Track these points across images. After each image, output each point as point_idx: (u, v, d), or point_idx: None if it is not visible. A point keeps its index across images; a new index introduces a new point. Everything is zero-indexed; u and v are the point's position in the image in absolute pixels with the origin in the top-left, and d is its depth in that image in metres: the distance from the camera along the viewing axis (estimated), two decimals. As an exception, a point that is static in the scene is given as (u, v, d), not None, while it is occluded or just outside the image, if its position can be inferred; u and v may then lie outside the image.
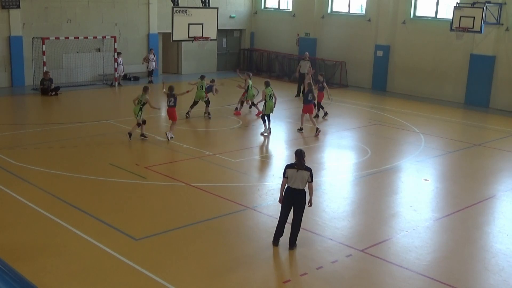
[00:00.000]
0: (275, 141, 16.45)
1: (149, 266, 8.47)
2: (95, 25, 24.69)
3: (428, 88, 24.43)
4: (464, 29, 21.29)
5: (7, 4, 22.15)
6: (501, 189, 13.05)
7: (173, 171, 13.09)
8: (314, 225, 10.30)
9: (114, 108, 21.15)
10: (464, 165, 15.03)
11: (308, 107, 17.10)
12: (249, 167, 13.94)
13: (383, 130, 17.97)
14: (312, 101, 17.26)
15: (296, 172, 8.99)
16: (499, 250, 9.65)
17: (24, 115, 19.35)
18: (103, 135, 16.08)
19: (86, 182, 12.18)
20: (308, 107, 17.11)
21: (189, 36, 18.39)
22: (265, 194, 11.89)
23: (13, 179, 12.14)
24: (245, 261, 8.86)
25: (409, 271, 8.77)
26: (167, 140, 15.49)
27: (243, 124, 18.00)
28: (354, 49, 26.58)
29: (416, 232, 10.23)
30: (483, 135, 18.59)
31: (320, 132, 16.92)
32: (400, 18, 25.07)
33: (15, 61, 22.86)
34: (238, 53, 31.08)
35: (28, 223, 9.99)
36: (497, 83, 22.53)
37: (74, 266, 8.47)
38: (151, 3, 26.31)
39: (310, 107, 17.17)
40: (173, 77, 27.21)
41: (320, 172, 13.60)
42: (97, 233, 9.56)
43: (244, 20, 30.55)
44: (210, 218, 10.51)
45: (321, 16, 27.70)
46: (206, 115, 18.54)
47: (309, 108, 17.13)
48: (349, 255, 9.19)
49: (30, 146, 14.83)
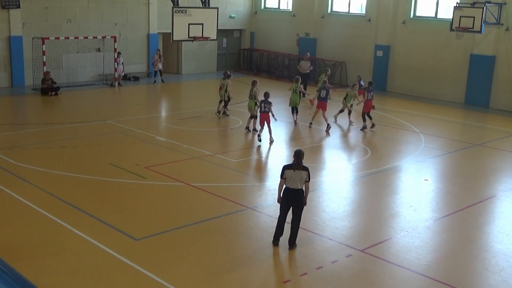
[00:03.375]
0: (275, 141, 16.43)
1: (149, 266, 8.47)
2: (95, 25, 24.69)
3: (428, 88, 24.43)
4: (464, 29, 21.29)
5: (7, 4, 22.15)
6: (501, 189, 13.05)
7: (173, 171, 13.08)
8: (314, 225, 10.30)
9: (114, 108, 21.15)
10: (464, 165, 15.03)
11: (321, 103, 17.56)
12: (249, 167, 13.93)
13: (383, 130, 17.96)
14: (325, 98, 17.55)
15: (294, 172, 9.02)
16: (499, 250, 9.65)
17: (24, 115, 19.34)
18: (103, 135, 16.08)
19: (86, 182, 12.18)
20: (322, 104, 17.55)
21: (189, 36, 18.39)
22: (265, 194, 11.89)
23: (13, 179, 12.14)
24: (245, 261, 8.86)
25: (409, 271, 8.77)
26: (270, 141, 15.76)
27: (243, 124, 17.99)
28: (354, 49, 26.58)
29: (416, 232, 10.23)
30: (483, 135, 18.59)
31: (331, 128, 17.38)
32: (400, 18, 25.07)
33: (15, 61, 22.86)
34: (238, 53, 31.08)
35: (28, 223, 9.99)
36: (497, 83, 22.53)
37: (74, 266, 8.47)
38: (151, 3, 26.31)
39: (323, 104, 17.53)
40: (173, 77, 27.21)
41: (320, 172, 13.60)
42: (97, 233, 9.56)
43: (244, 20, 30.55)
44: (210, 218, 10.51)
45: (321, 16, 27.70)
46: (221, 114, 18.69)
47: (322, 105, 17.54)
48: (349, 255, 9.19)
49: (30, 146, 14.83)
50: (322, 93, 17.65)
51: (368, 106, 17.75)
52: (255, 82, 17.11)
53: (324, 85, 17.93)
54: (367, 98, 17.77)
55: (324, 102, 17.56)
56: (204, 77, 27.86)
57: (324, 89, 17.69)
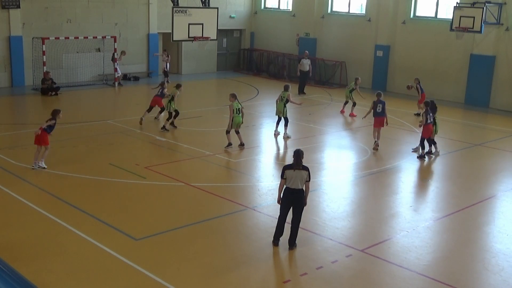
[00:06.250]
0: (275, 141, 16.43)
1: (149, 266, 8.47)
2: (95, 25, 24.68)
3: (428, 88, 24.33)
4: (464, 29, 21.29)
5: (7, 4, 22.14)
6: (501, 189, 13.05)
7: (173, 171, 13.08)
8: (314, 225, 10.30)
9: (114, 108, 21.15)
10: (464, 165, 15.03)
11: (378, 119, 15.56)
12: (249, 167, 13.93)
13: (383, 130, 17.92)
14: (382, 113, 15.57)
15: (294, 172, 9.02)
16: (499, 250, 9.65)
17: (24, 115, 19.34)
18: (103, 135, 16.08)
19: (86, 182, 12.18)
20: (379, 120, 15.56)
21: (189, 36, 18.38)
22: (265, 194, 11.89)
23: (13, 179, 12.14)
24: (245, 261, 8.86)
25: (409, 271, 8.77)
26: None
27: (243, 124, 17.97)
28: (354, 49, 26.57)
29: (416, 232, 10.23)
30: (483, 135, 18.59)
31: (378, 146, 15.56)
32: (400, 18, 25.07)
33: (15, 61, 22.86)
34: (238, 53, 31.07)
35: (28, 223, 9.99)
36: (497, 83, 22.52)
37: (74, 266, 8.47)
38: (151, 3, 26.30)
39: (381, 120, 15.55)
40: (173, 77, 27.20)
41: (320, 172, 13.60)
42: (97, 233, 9.56)
43: (244, 20, 30.54)
44: (210, 218, 10.51)
45: (321, 16, 27.69)
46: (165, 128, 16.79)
47: (379, 121, 15.55)
48: (349, 255, 9.19)
49: (30, 146, 14.81)
50: (378, 107, 15.57)
51: (428, 131, 14.86)
52: (287, 86, 16.63)
53: (378, 99, 15.69)
54: (426, 121, 14.77)
55: (382, 118, 15.52)
56: (204, 77, 27.86)
57: (380, 103, 15.59)
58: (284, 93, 16.51)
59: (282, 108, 16.44)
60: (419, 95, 20.30)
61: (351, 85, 20.08)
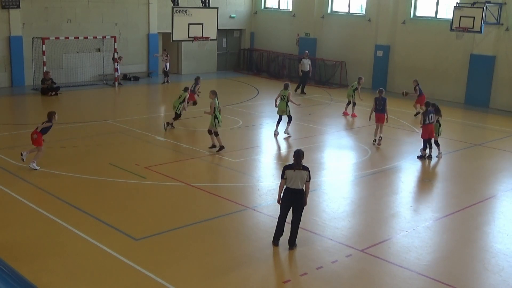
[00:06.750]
0: (275, 141, 16.43)
1: (149, 266, 8.47)
2: (95, 25, 24.68)
3: (428, 88, 24.33)
4: (464, 29, 21.29)
5: (7, 4, 22.14)
6: (501, 189, 13.05)
7: (173, 171, 13.08)
8: (314, 225, 10.30)
9: (114, 108, 21.15)
10: (464, 165, 15.03)
11: (378, 116, 15.90)
12: (249, 167, 13.93)
13: (383, 130, 17.94)
14: (382, 110, 15.86)
15: (294, 172, 9.02)
16: (499, 250, 9.65)
17: (24, 115, 19.34)
18: (103, 135, 16.08)
19: (86, 182, 12.18)
20: (378, 116, 15.89)
21: (189, 36, 18.39)
22: (265, 194, 11.89)
23: (13, 179, 12.14)
24: (245, 261, 8.86)
25: (409, 271, 8.77)
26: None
27: (243, 124, 18.00)
28: (354, 49, 26.57)
29: (416, 232, 10.23)
30: (483, 135, 18.59)
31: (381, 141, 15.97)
32: (400, 18, 25.07)
33: (15, 61, 22.86)
34: (238, 53, 31.08)
35: (28, 223, 9.99)
36: (497, 83, 22.52)
37: (74, 266, 8.47)
38: (151, 3, 26.31)
39: (381, 116, 15.88)
40: (173, 77, 27.19)
41: (320, 172, 13.60)
42: (97, 233, 9.56)
43: (244, 20, 30.54)
44: (210, 218, 10.51)
45: (321, 16, 27.69)
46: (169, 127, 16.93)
47: (379, 118, 15.89)
48: (349, 255, 9.19)
49: (30, 146, 14.81)
50: (379, 105, 15.94)
51: (427, 132, 14.65)
52: (287, 85, 16.61)
53: (380, 95, 16.01)
54: (424, 122, 14.61)
55: (382, 114, 15.88)
56: (204, 77, 27.78)
57: (381, 99, 15.95)
58: (284, 92, 16.52)
59: (284, 107, 16.49)
60: (416, 96, 20.28)
61: (354, 84, 20.10)
